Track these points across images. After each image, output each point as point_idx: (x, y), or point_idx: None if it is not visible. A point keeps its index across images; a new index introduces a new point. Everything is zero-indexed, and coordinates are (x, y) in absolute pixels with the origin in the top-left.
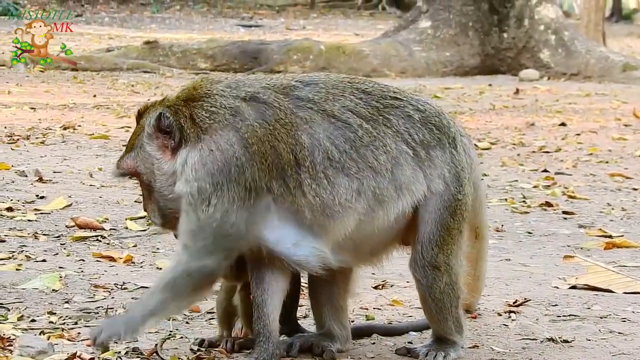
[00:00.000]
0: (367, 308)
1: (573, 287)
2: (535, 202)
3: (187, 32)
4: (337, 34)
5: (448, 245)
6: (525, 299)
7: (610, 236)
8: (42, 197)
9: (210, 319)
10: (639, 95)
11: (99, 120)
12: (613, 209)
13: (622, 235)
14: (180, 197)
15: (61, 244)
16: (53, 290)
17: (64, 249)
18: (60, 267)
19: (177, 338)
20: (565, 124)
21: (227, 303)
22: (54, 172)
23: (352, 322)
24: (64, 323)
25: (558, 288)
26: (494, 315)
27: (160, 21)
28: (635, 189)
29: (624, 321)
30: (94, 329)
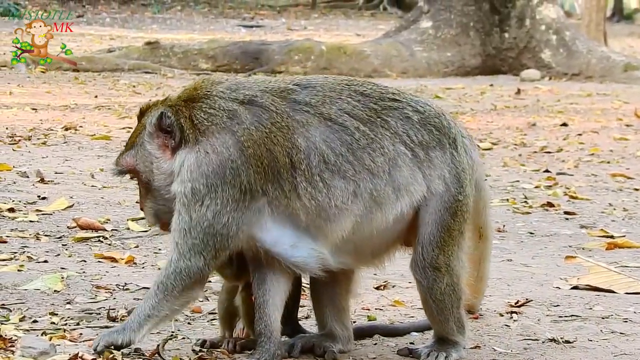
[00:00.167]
0: (369, 309)
1: (575, 288)
2: (536, 203)
3: (189, 33)
4: (339, 35)
5: (449, 246)
6: (526, 300)
7: (611, 236)
8: (44, 198)
9: (212, 320)
10: None
11: (101, 121)
12: (615, 210)
13: (624, 235)
14: (175, 197)
15: (63, 245)
16: (55, 291)
17: (66, 250)
18: (62, 268)
19: (179, 339)
20: (566, 124)
21: (229, 304)
22: (56, 173)
23: (354, 323)
24: (66, 324)
25: (560, 288)
26: (496, 315)
27: (161, 22)
28: (636, 189)
29: (626, 321)
30: (95, 340)
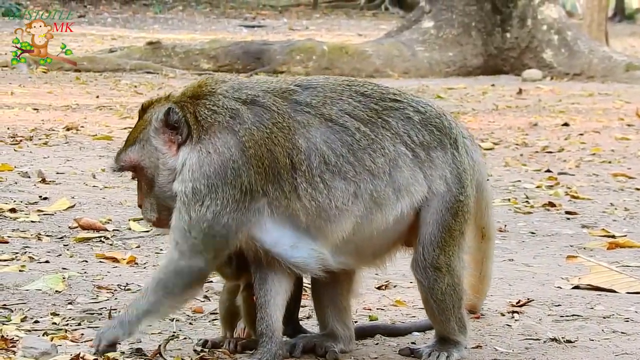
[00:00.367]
0: (371, 308)
1: (576, 287)
2: (538, 202)
3: (190, 33)
4: (340, 35)
5: (449, 246)
6: (528, 299)
7: (613, 236)
8: (45, 198)
9: (213, 320)
10: None
11: (102, 121)
12: (616, 209)
13: (625, 235)
14: (175, 195)
15: (64, 245)
16: (56, 291)
17: (67, 250)
18: (63, 268)
19: (181, 339)
20: (568, 124)
21: (230, 304)
22: (57, 173)
23: (356, 323)
24: (67, 324)
25: (561, 288)
26: (497, 315)
27: (163, 22)
28: (638, 189)
29: (627, 321)
30: (93, 340)
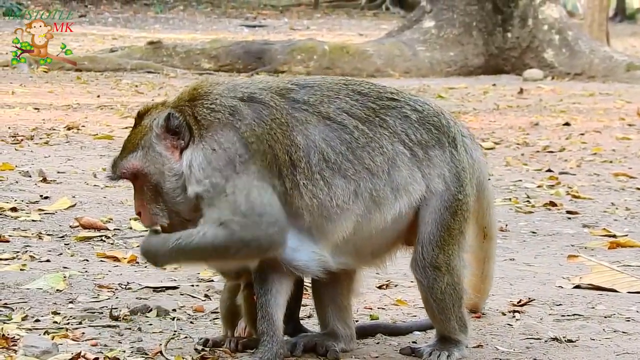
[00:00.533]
0: (372, 308)
1: (577, 287)
2: (539, 202)
3: (191, 33)
4: (341, 34)
5: (449, 245)
6: (529, 299)
7: (614, 236)
8: (46, 198)
9: (214, 319)
10: None
11: (103, 120)
12: (617, 209)
13: (626, 234)
14: (193, 199)
15: (65, 244)
16: (57, 290)
17: (68, 249)
18: (64, 267)
19: (182, 338)
20: (569, 124)
21: (231, 303)
22: (58, 173)
23: (357, 322)
24: (68, 323)
25: (562, 287)
26: (498, 314)
27: (164, 21)
28: (639, 189)
29: (628, 321)
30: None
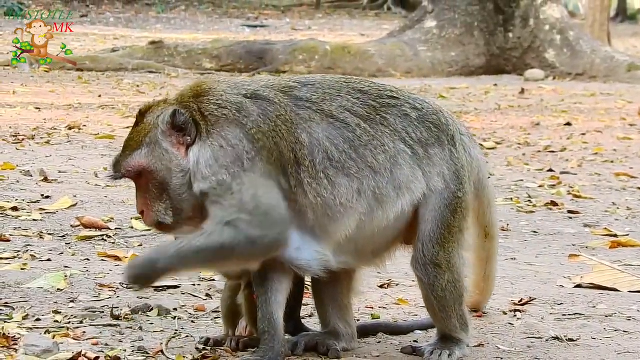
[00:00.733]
0: (373, 307)
1: (578, 286)
2: (540, 202)
3: (193, 33)
4: (343, 34)
5: (449, 243)
6: (530, 298)
7: (615, 235)
8: (48, 197)
9: (215, 318)
10: None
11: (104, 120)
12: (618, 209)
13: (628, 234)
14: (199, 196)
15: (66, 244)
16: (58, 289)
17: (69, 249)
18: (65, 267)
19: (183, 337)
20: (570, 124)
21: (232, 302)
22: (59, 172)
23: (358, 321)
24: (69, 322)
25: (563, 287)
26: (500, 314)
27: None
28: None
29: (629, 320)
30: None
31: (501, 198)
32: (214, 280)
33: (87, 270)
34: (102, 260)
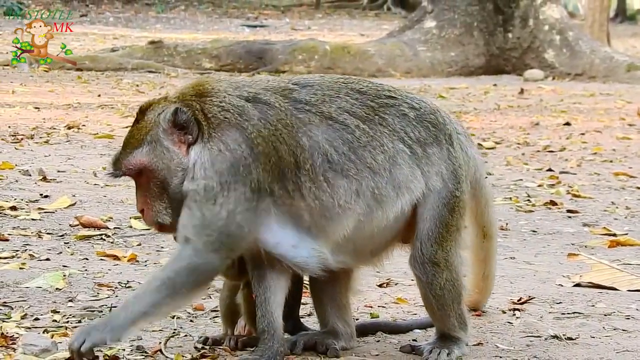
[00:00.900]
0: (372, 306)
1: (577, 285)
2: (539, 201)
3: (192, 32)
4: (343, 34)
5: (447, 241)
6: (529, 297)
7: (614, 234)
8: (46, 196)
9: (214, 317)
10: None
11: (104, 119)
12: (617, 208)
13: (626, 233)
14: (184, 194)
15: (65, 243)
16: (57, 288)
17: (68, 248)
18: (64, 266)
19: (181, 336)
20: (569, 124)
21: (231, 301)
22: (58, 172)
23: (357, 320)
24: (68, 321)
25: (562, 286)
26: (499, 312)
27: (165, 21)
28: (639, 188)
29: (628, 318)
30: (75, 337)
31: (500, 197)
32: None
33: (86, 269)
34: (101, 259)
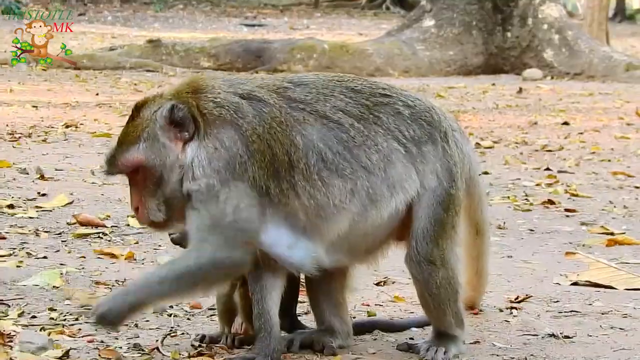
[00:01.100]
0: (369, 304)
1: (574, 284)
2: (537, 200)
3: (190, 31)
4: (341, 34)
5: (442, 239)
6: (526, 295)
7: (612, 233)
8: (44, 195)
9: (211, 315)
10: None
11: (101, 118)
12: (615, 207)
13: (624, 232)
14: (185, 196)
15: (62, 241)
16: (54, 286)
17: (65, 246)
18: (61, 264)
19: (178, 334)
20: (568, 123)
21: (227, 299)
22: (56, 170)
23: (354, 319)
24: (65, 319)
25: (559, 284)
26: (496, 311)
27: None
28: (637, 187)
29: (625, 317)
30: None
31: (498, 196)
32: None
33: (83, 267)
34: (98, 257)
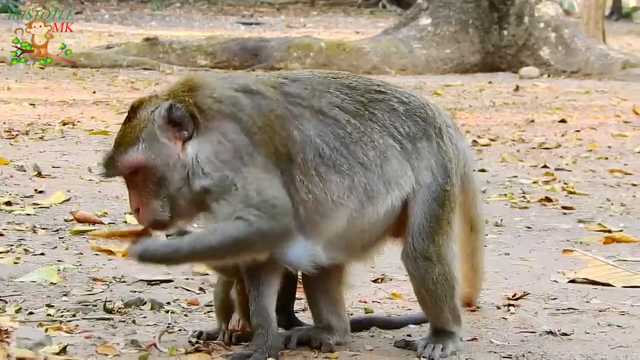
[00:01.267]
0: (366, 301)
1: (572, 281)
2: (534, 198)
3: (187, 30)
4: (338, 32)
5: (438, 235)
6: (524, 293)
7: (609, 231)
8: (41, 192)
9: (208, 312)
10: (639, 92)
11: (99, 116)
12: (612, 205)
13: (621, 230)
14: (199, 193)
15: (60, 238)
16: (51, 283)
17: (63, 243)
18: (58, 261)
19: (176, 330)
20: (565, 121)
21: (225, 296)
22: (53, 167)
23: (351, 315)
24: (62, 315)
25: (557, 282)
26: (493, 308)
27: (160, 18)
28: (634, 185)
29: (622, 314)
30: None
31: (495, 194)
32: (207, 274)
33: (80, 264)
34: (95, 254)
